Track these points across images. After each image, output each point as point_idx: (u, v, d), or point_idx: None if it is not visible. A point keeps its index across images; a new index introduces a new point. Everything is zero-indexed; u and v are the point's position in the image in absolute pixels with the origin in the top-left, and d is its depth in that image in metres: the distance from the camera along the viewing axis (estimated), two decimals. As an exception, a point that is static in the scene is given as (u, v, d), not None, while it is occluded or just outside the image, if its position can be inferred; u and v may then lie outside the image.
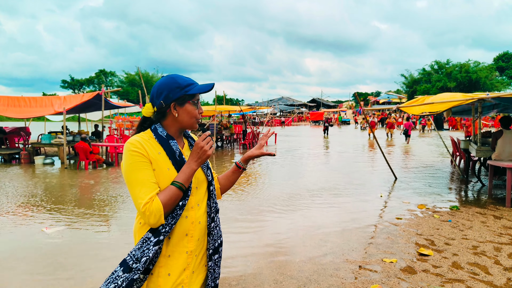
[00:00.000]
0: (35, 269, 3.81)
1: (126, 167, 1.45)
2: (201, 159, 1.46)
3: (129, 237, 4.80)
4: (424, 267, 3.77)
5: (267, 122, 41.41)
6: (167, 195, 1.42)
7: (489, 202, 6.54)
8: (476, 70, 48.59)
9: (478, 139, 7.53)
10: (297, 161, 12.58)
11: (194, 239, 1.54)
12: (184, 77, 1.57)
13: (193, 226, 1.54)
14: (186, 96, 1.52)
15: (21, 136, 14.63)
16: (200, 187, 1.59)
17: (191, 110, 1.54)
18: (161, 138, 1.53)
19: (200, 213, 1.57)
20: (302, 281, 3.48)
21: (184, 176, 1.45)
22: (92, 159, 10.79)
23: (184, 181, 1.44)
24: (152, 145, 1.51)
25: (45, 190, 7.65)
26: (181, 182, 1.44)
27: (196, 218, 1.55)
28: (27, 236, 4.80)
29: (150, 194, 1.40)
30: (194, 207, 1.55)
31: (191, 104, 1.54)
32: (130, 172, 1.43)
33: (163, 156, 1.50)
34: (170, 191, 1.43)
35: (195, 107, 1.55)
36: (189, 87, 1.53)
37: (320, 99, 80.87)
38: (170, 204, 1.42)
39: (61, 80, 75.28)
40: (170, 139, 1.54)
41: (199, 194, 1.58)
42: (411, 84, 56.74)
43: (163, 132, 1.54)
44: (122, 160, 1.50)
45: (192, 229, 1.53)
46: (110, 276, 1.48)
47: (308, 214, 5.87)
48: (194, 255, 1.55)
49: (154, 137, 1.53)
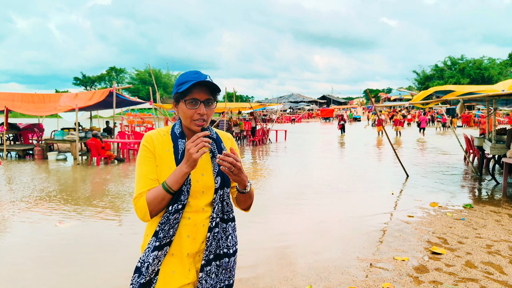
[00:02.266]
0: (48, 264, 3.87)
1: (136, 159, 1.51)
2: (189, 162, 1.35)
3: (140, 232, 4.84)
4: (436, 266, 3.72)
5: (277, 119, 41.35)
6: (153, 194, 1.41)
7: (503, 201, 6.42)
8: (488, 66, 47.67)
9: (492, 136, 7.39)
10: (307, 157, 12.53)
11: (197, 241, 1.51)
12: (187, 74, 1.47)
13: (196, 228, 1.50)
14: (178, 94, 1.46)
15: (34, 132, 14.88)
16: (207, 192, 1.52)
17: (183, 110, 1.45)
18: (174, 135, 1.52)
19: (206, 216, 1.52)
20: (313, 278, 3.47)
21: (173, 178, 1.39)
22: (104, 155, 10.91)
23: (172, 183, 1.39)
24: (165, 141, 1.51)
25: (58, 186, 7.77)
26: (169, 184, 1.39)
27: (199, 221, 1.51)
28: (40, 231, 4.88)
29: (141, 190, 1.43)
30: (199, 211, 1.50)
31: (185, 103, 1.44)
32: (137, 165, 1.50)
33: (170, 153, 1.49)
34: (157, 191, 1.41)
35: (189, 106, 1.44)
36: (182, 85, 1.44)
37: (331, 96, 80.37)
38: (156, 204, 1.40)
39: (73, 78, 76.40)
40: (180, 137, 1.51)
41: (206, 199, 1.52)
42: (423, 81, 56.02)
43: (178, 129, 1.53)
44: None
45: (194, 232, 1.50)
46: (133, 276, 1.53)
47: (318, 211, 5.84)
48: (198, 257, 1.54)
49: (170, 133, 1.53)
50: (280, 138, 19.74)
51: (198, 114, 1.44)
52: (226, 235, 1.57)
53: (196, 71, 1.47)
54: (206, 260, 1.52)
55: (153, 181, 1.45)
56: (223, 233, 1.57)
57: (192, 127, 1.47)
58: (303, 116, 54.51)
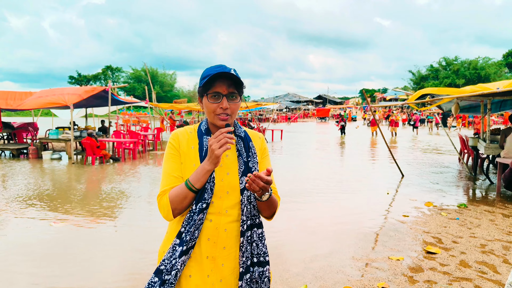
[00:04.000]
0: (42, 263, 3.84)
1: (164, 156, 1.51)
2: (212, 159, 1.31)
3: (136, 232, 4.83)
4: (431, 265, 3.74)
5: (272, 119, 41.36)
6: (175, 192, 1.37)
7: (497, 200, 6.47)
8: (484, 66, 48.00)
9: (487, 137, 7.44)
10: (303, 157, 12.55)
11: (218, 245, 1.42)
12: (212, 68, 1.42)
13: (217, 232, 1.42)
14: (201, 88, 1.42)
15: (29, 131, 14.77)
16: (232, 193, 1.44)
17: (206, 104, 1.42)
18: (200, 132, 1.49)
19: (228, 220, 1.44)
20: (308, 278, 3.47)
21: (195, 175, 1.35)
22: (99, 155, 10.86)
23: (194, 181, 1.35)
24: (191, 138, 1.48)
25: (53, 185, 7.72)
26: (192, 182, 1.35)
27: (221, 224, 1.43)
28: (34, 230, 4.85)
29: (165, 187, 1.41)
30: (222, 212, 1.43)
31: (207, 98, 1.40)
32: (163, 162, 1.49)
33: (194, 151, 1.46)
34: (179, 189, 1.37)
35: (211, 101, 1.40)
36: (204, 79, 1.39)
37: (327, 96, 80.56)
38: (178, 202, 1.36)
39: (68, 76, 75.85)
40: (206, 134, 1.47)
41: (231, 201, 1.44)
42: (418, 81, 56.30)
43: (204, 126, 1.50)
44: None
45: (215, 235, 1.42)
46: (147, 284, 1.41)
47: (313, 210, 5.85)
48: (220, 264, 1.44)
49: (196, 130, 1.51)
50: (276, 138, 19.74)
51: (221, 108, 1.39)
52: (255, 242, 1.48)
53: (221, 65, 1.42)
54: (245, 268, 1.43)
55: (177, 178, 1.42)
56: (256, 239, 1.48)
57: (216, 122, 1.42)
58: (299, 116, 54.58)
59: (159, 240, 1.67)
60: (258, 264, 1.46)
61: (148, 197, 6.74)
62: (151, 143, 15.48)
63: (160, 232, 4.78)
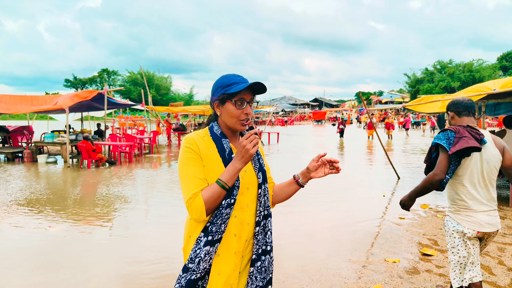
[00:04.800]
0: (38, 268, 3.82)
1: (179, 162, 1.53)
2: (244, 158, 1.44)
3: (132, 236, 4.81)
4: (427, 267, 3.76)
5: (269, 122, 41.40)
6: (209, 192, 1.45)
7: (492, 202, 6.50)
8: (479, 69, 48.38)
9: (481, 139, 7.48)
10: (299, 159, 12.56)
11: (242, 240, 1.55)
12: (233, 77, 1.55)
13: (242, 226, 1.55)
14: (226, 95, 1.51)
15: (24, 135, 14.70)
16: (251, 188, 1.59)
17: (230, 110, 1.52)
18: (215, 136, 1.57)
19: (250, 214, 1.58)
20: (305, 280, 3.47)
21: (228, 174, 1.46)
22: (95, 158, 10.81)
23: (227, 180, 1.45)
24: (206, 142, 1.55)
25: (48, 189, 7.67)
26: (224, 180, 1.45)
27: (245, 219, 1.56)
28: (30, 235, 4.81)
29: (194, 190, 1.46)
30: (244, 207, 1.56)
31: (232, 104, 1.51)
32: (182, 167, 1.51)
33: (214, 153, 1.54)
34: (213, 189, 1.46)
35: (236, 107, 1.51)
36: (230, 87, 1.51)
37: (323, 99, 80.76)
38: (212, 202, 1.45)
39: (64, 79, 75.64)
40: (223, 137, 1.57)
41: (250, 195, 1.58)
42: (414, 84, 56.62)
43: (217, 130, 1.58)
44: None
45: (240, 230, 1.55)
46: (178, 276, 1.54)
47: (310, 213, 5.86)
48: (241, 256, 1.57)
49: (209, 134, 1.58)
50: (273, 140, 19.76)
51: (245, 114, 1.53)
52: (265, 231, 1.63)
53: (238, 75, 1.56)
54: (257, 255, 1.59)
55: (202, 180, 1.49)
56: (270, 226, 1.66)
57: (237, 127, 1.55)
58: (295, 119, 54.68)
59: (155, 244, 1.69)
60: (268, 253, 1.63)
61: (144, 201, 6.72)
62: (147, 146, 15.44)
63: (156, 236, 4.77)
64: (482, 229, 2.42)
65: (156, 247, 4.34)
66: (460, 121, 2.57)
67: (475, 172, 2.45)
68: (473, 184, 2.45)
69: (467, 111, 2.55)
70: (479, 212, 2.44)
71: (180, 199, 6.77)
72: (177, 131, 20.07)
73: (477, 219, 2.43)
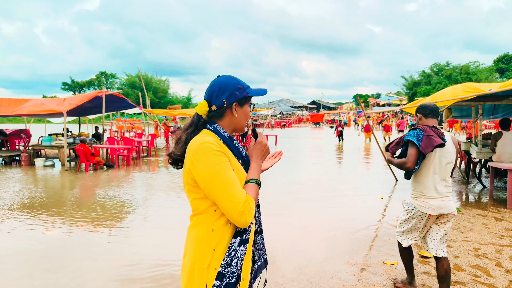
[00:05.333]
0: (35, 272, 3.80)
1: (211, 168, 1.37)
2: (265, 156, 1.56)
3: (130, 240, 4.79)
4: (425, 270, 3.76)
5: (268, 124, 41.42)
6: (254, 194, 1.46)
7: (490, 204, 6.53)
8: (476, 71, 48.61)
9: (479, 141, 7.52)
10: (297, 162, 12.57)
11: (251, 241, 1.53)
12: (238, 80, 1.59)
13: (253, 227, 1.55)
14: (248, 97, 1.57)
15: (21, 138, 14.64)
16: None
17: (247, 111, 1.58)
18: (226, 139, 1.52)
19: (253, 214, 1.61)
20: (303, 283, 3.47)
21: (257, 172, 1.53)
22: (93, 162, 10.79)
23: (258, 177, 1.52)
24: (223, 145, 1.49)
25: (46, 192, 7.65)
26: (258, 178, 1.51)
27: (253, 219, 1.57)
28: (27, 239, 4.79)
29: (244, 193, 1.40)
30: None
31: (248, 106, 1.59)
32: (219, 173, 1.37)
33: (232, 156, 1.52)
34: (255, 189, 1.48)
35: (251, 109, 1.62)
36: (249, 89, 1.57)
37: (320, 101, 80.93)
38: (256, 202, 1.50)
39: (61, 82, 75.20)
40: (233, 140, 1.56)
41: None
42: (411, 86, 56.80)
43: (225, 133, 1.53)
44: (197, 161, 1.39)
45: (253, 230, 1.55)
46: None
47: (308, 215, 5.86)
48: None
49: (218, 137, 1.51)
50: (271, 143, 19.77)
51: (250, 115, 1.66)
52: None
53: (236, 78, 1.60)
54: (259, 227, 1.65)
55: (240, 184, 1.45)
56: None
57: (244, 127, 1.61)
58: (293, 121, 54.74)
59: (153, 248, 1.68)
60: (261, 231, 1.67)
61: (142, 205, 6.70)
62: (145, 149, 15.42)
63: (154, 240, 4.76)
64: (434, 212, 2.94)
65: (154, 251, 4.33)
66: (426, 121, 3.07)
67: (437, 164, 2.95)
68: (433, 175, 2.96)
69: (432, 113, 3.06)
70: (434, 199, 2.95)
71: (179, 202, 6.76)
72: (175, 134, 20.02)
73: (430, 205, 2.95)
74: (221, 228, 1.43)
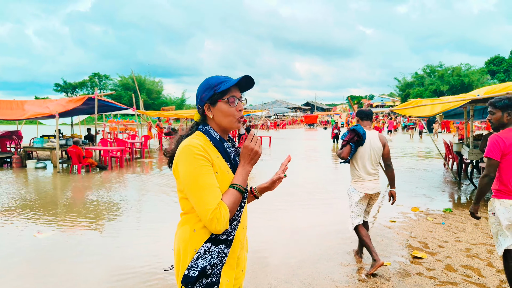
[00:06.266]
0: (27, 275, 3.75)
1: (190, 172, 1.38)
2: (254, 160, 1.47)
3: (122, 241, 4.76)
4: (418, 270, 3.78)
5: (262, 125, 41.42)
6: (232, 200, 1.42)
7: (481, 205, 6.58)
8: (468, 73, 49.13)
9: (470, 142, 7.59)
10: (291, 163, 12.59)
11: (243, 244, 1.57)
12: (219, 77, 1.51)
13: (243, 231, 1.56)
14: (216, 95, 1.48)
15: (13, 139, 14.48)
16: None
17: (223, 109, 1.48)
18: (216, 141, 1.51)
19: (244, 216, 1.58)
20: (297, 285, 3.47)
21: (242, 178, 1.46)
22: (85, 163, 10.70)
23: (243, 183, 1.46)
24: (211, 147, 1.49)
25: (37, 195, 7.57)
26: (241, 185, 1.45)
27: (244, 222, 1.57)
28: (18, 241, 4.73)
29: (217, 200, 1.37)
30: (244, 211, 1.56)
31: (224, 103, 1.48)
32: (196, 177, 1.37)
33: (220, 159, 1.49)
34: (234, 195, 1.43)
35: (229, 105, 1.48)
36: (219, 85, 1.48)
37: (314, 102, 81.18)
38: (234, 209, 1.43)
39: (54, 84, 74.45)
40: (224, 142, 1.54)
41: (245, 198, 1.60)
42: (404, 88, 57.23)
43: (216, 135, 1.52)
44: (180, 163, 1.42)
45: (242, 234, 1.56)
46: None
47: (301, 217, 5.86)
48: (242, 260, 1.59)
49: (208, 139, 1.51)
50: (265, 144, 19.77)
51: (239, 110, 1.51)
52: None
53: (223, 75, 1.54)
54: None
55: (219, 189, 1.42)
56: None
57: (233, 125, 1.51)
58: (287, 122, 54.82)
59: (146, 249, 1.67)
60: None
61: (135, 206, 6.66)
62: (139, 151, 15.34)
63: (147, 242, 4.73)
64: (369, 191, 3.85)
65: (146, 253, 4.30)
66: (362, 123, 3.99)
67: (366, 155, 3.85)
68: (364, 163, 3.85)
69: (367, 117, 3.99)
70: (367, 181, 3.85)
71: (172, 204, 6.73)
72: (168, 136, 19.98)
73: (365, 186, 3.85)
74: (202, 230, 1.44)
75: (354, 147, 3.84)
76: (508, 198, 2.90)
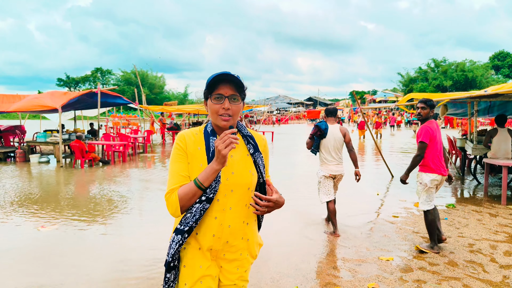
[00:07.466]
0: (30, 268, 3.78)
1: (170, 156, 1.58)
2: (219, 159, 1.42)
3: (125, 236, 4.78)
4: (420, 265, 3.78)
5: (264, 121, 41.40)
6: (184, 190, 1.47)
7: (485, 200, 6.57)
8: (472, 68, 48.81)
9: (474, 138, 7.55)
10: (292, 157, 12.58)
11: (222, 240, 1.56)
12: (217, 73, 1.51)
13: (221, 228, 1.54)
14: (206, 91, 1.54)
15: (16, 134, 14.53)
16: (236, 190, 1.55)
17: (210, 105, 1.53)
18: (206, 134, 1.58)
19: (231, 216, 1.55)
20: (299, 279, 3.48)
21: (204, 174, 1.46)
22: (88, 158, 10.74)
23: (203, 180, 1.45)
24: (197, 139, 1.57)
25: (41, 189, 7.60)
26: (201, 180, 1.46)
27: (225, 221, 1.54)
28: (22, 235, 4.76)
29: (173, 186, 1.49)
30: (226, 210, 1.54)
31: (211, 100, 1.52)
32: (170, 162, 1.56)
33: (201, 151, 1.55)
34: (189, 187, 1.47)
35: (215, 102, 1.50)
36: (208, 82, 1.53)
37: (317, 98, 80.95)
38: (187, 199, 1.47)
39: (56, 79, 74.67)
40: (212, 135, 1.56)
41: (234, 198, 1.55)
42: (407, 83, 57.00)
43: (209, 128, 1.59)
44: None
45: (220, 231, 1.54)
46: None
47: (303, 211, 5.87)
48: (222, 254, 1.61)
49: (202, 131, 1.59)
50: (267, 139, 19.74)
51: (223, 109, 1.50)
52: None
53: (224, 71, 1.52)
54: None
55: (185, 177, 1.51)
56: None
57: (219, 123, 1.52)
58: (290, 118, 54.74)
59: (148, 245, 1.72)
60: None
61: (138, 201, 6.68)
62: (141, 145, 15.37)
63: (149, 236, 4.74)
64: (332, 173, 4.72)
65: (150, 247, 4.32)
66: (327, 119, 4.87)
67: (329, 145, 4.74)
68: (328, 151, 4.75)
69: (331, 114, 4.91)
70: (331, 165, 4.74)
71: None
72: (171, 130, 19.99)
73: (329, 168, 4.74)
74: (175, 222, 1.61)
75: (317, 139, 4.80)
76: (430, 172, 4.11)
